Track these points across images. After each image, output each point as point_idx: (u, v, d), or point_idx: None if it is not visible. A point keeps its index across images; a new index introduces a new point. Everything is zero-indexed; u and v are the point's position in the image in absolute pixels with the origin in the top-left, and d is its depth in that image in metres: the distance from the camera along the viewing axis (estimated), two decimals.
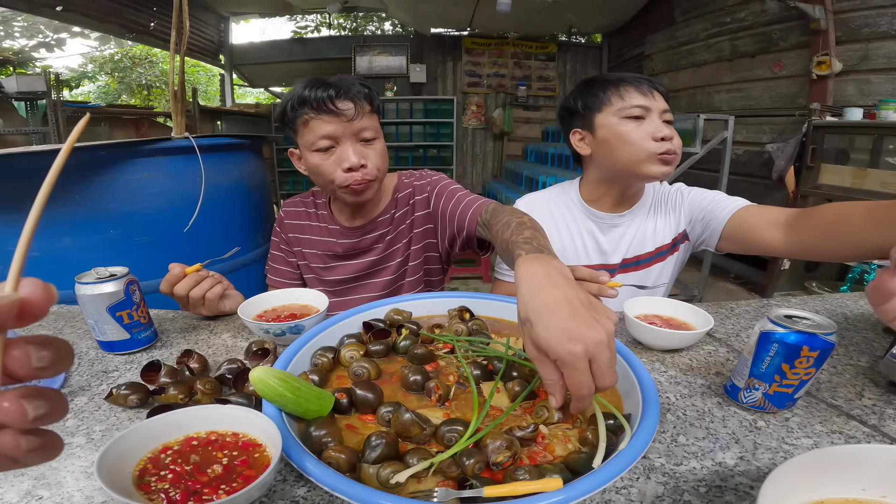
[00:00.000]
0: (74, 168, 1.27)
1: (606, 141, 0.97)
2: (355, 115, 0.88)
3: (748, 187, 3.53)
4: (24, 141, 3.33)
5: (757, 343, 0.54)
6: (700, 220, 0.99)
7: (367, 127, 0.90)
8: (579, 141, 1.04)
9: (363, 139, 0.91)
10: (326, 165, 0.90)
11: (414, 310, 0.76)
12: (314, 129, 0.88)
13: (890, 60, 2.68)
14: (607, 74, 1.01)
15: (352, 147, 0.89)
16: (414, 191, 1.05)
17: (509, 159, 6.02)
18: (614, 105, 0.96)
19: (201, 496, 0.39)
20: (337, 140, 0.89)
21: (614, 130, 0.96)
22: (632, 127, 0.94)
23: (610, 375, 0.43)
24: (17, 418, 0.22)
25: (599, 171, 1.04)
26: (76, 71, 9.84)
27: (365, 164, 0.90)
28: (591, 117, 0.99)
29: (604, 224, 1.05)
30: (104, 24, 4.45)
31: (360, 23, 7.52)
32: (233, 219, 1.67)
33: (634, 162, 0.94)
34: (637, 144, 0.93)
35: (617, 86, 0.96)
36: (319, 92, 0.86)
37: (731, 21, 3.73)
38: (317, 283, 1.10)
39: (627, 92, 0.95)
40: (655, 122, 0.94)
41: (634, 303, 0.78)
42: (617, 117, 0.95)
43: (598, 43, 6.21)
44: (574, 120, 1.04)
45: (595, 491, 0.37)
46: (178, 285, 0.80)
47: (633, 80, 0.96)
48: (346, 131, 0.89)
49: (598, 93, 0.98)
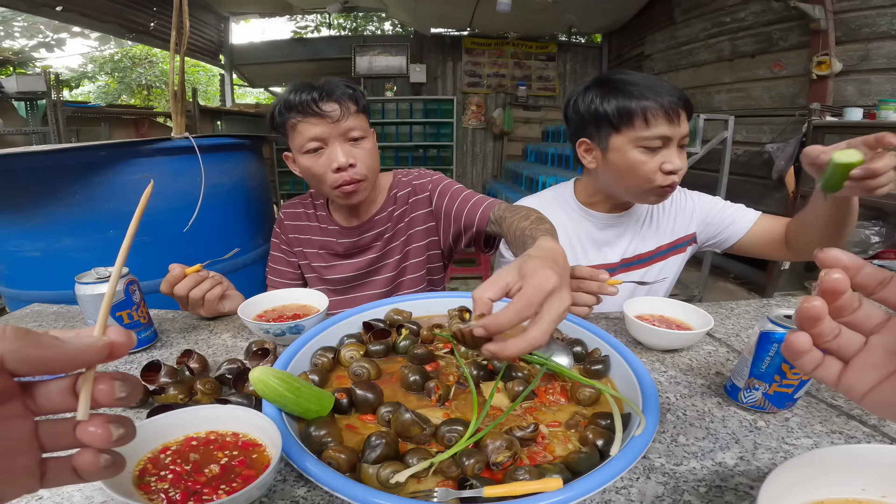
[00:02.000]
0: (74, 168, 1.27)
1: (616, 165, 0.91)
2: (341, 115, 0.89)
3: (748, 187, 3.53)
4: (24, 141, 3.33)
5: (757, 343, 0.54)
6: (714, 225, 1.02)
7: (353, 127, 0.91)
8: (585, 152, 0.96)
9: (351, 139, 0.92)
10: (317, 167, 0.92)
11: (414, 310, 0.76)
12: (302, 132, 0.90)
13: (890, 60, 2.68)
14: (630, 78, 0.87)
15: (340, 147, 0.91)
16: (413, 189, 1.06)
17: (509, 159, 6.02)
18: (636, 130, 0.86)
19: (201, 496, 0.39)
20: (325, 141, 0.91)
21: (628, 159, 0.88)
22: (646, 158, 0.87)
23: (538, 330, 0.41)
24: (102, 440, 0.26)
25: (599, 184, 1.01)
26: (76, 71, 9.83)
27: (354, 163, 0.91)
28: (607, 135, 0.90)
29: (601, 224, 1.04)
30: (104, 24, 4.45)
31: (360, 23, 7.52)
32: (233, 219, 1.67)
33: (636, 192, 0.93)
34: (645, 177, 0.88)
35: (646, 104, 0.84)
36: (304, 95, 0.88)
37: (731, 21, 3.73)
38: (319, 282, 1.11)
39: (655, 118, 0.84)
40: (671, 154, 0.87)
41: (634, 303, 0.78)
42: (634, 144, 0.87)
43: (598, 43, 6.21)
44: (585, 127, 0.94)
45: (595, 491, 0.37)
46: (178, 286, 0.80)
47: (666, 99, 0.83)
48: (334, 132, 0.90)
49: (620, 106, 0.86)
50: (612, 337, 0.64)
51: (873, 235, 2.55)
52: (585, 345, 0.66)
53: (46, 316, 0.92)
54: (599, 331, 0.66)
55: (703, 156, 2.93)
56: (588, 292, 0.74)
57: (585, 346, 0.66)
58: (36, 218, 1.28)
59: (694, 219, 1.04)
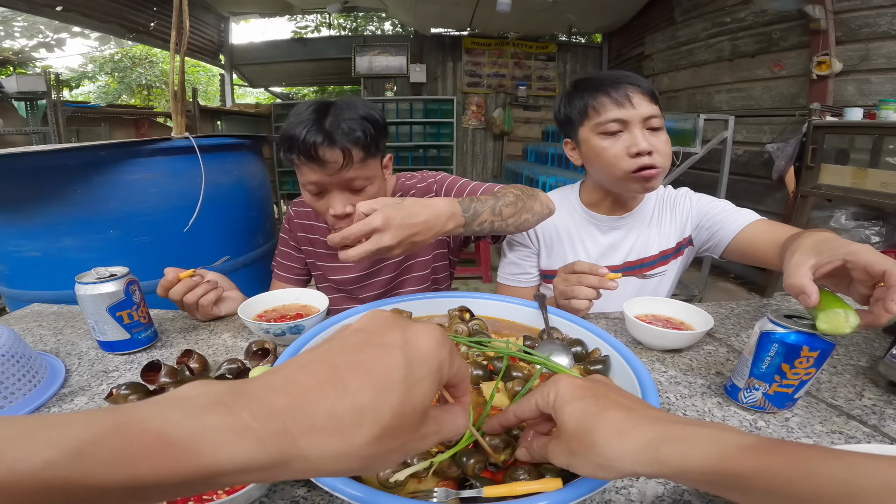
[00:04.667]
0: (74, 168, 1.27)
1: (588, 156, 0.96)
2: (343, 166, 0.81)
3: (748, 187, 3.53)
4: (24, 141, 3.32)
5: (757, 343, 0.54)
6: (707, 228, 0.99)
7: (356, 177, 0.84)
8: (571, 150, 1.02)
9: (353, 189, 0.86)
10: (317, 206, 0.89)
11: (414, 310, 0.76)
12: (304, 174, 0.85)
13: (890, 60, 2.68)
14: (589, 78, 0.95)
15: (339, 197, 0.85)
16: (419, 192, 1.06)
17: (509, 159, 6.01)
18: (591, 119, 0.91)
19: (201, 496, 0.39)
20: (325, 188, 0.86)
21: (593, 147, 0.93)
22: (608, 143, 0.90)
23: (358, 249, 0.61)
24: None
25: (591, 180, 1.04)
26: (76, 71, 9.83)
27: (352, 212, 0.85)
28: (576, 130, 0.97)
29: (604, 227, 1.04)
30: (104, 24, 4.45)
31: (360, 23, 7.52)
32: (233, 219, 1.67)
33: (614, 180, 0.94)
34: (613, 163, 0.90)
35: (594, 96, 0.90)
36: (309, 136, 0.79)
37: (731, 21, 3.73)
38: (323, 280, 1.12)
39: (602, 105, 0.89)
40: (633, 136, 0.88)
41: (634, 303, 0.78)
42: (594, 133, 0.92)
43: (598, 43, 6.21)
44: (565, 128, 1.02)
45: (595, 491, 0.37)
46: (173, 290, 0.81)
47: (611, 86, 0.89)
48: (334, 181, 0.84)
49: (577, 103, 0.93)
50: (612, 337, 0.64)
51: (873, 235, 2.55)
52: (585, 345, 0.66)
53: (46, 316, 0.92)
54: (599, 331, 0.66)
55: (703, 156, 2.93)
56: (588, 286, 0.75)
57: (585, 346, 0.66)
58: (36, 218, 1.28)
59: (690, 221, 1.03)
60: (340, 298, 1.12)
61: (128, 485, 0.19)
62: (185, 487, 0.20)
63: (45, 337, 0.82)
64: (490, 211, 0.75)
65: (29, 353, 0.63)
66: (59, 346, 0.78)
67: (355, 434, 0.23)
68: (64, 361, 0.71)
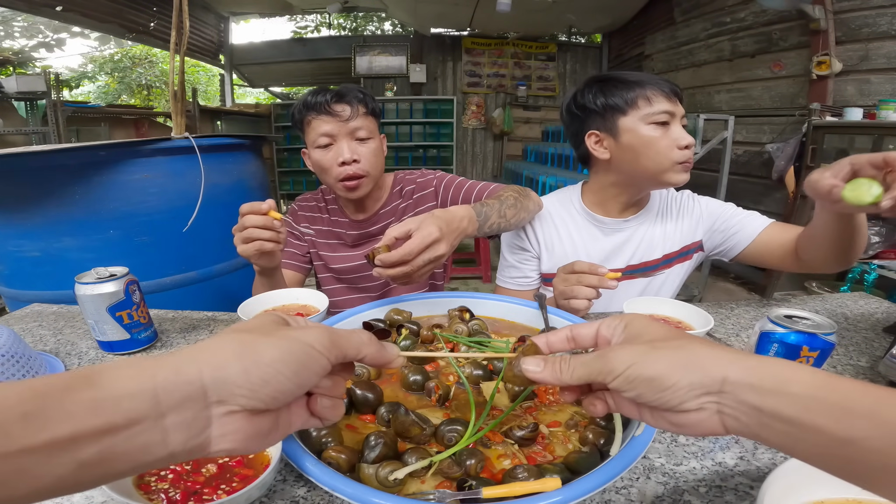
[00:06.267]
0: (74, 168, 1.27)
1: (631, 147, 0.92)
2: (350, 115, 1.00)
3: (748, 187, 3.53)
4: (24, 141, 3.32)
5: (757, 343, 0.54)
6: (721, 232, 0.99)
7: (361, 127, 1.01)
8: (596, 143, 0.97)
9: (358, 138, 1.02)
10: (325, 160, 1.01)
11: (414, 310, 0.76)
12: (315, 128, 1.01)
13: (890, 60, 2.68)
14: (625, 74, 0.95)
15: (347, 144, 1.00)
16: (417, 187, 1.12)
17: (509, 159, 6.02)
18: (641, 109, 0.91)
19: (201, 496, 0.39)
20: (334, 138, 1.01)
21: (642, 136, 0.91)
22: (658, 134, 0.90)
23: (409, 267, 0.66)
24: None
25: (614, 176, 0.99)
26: (76, 71, 9.82)
27: (357, 159, 1.00)
28: (615, 120, 0.93)
29: (608, 229, 1.03)
30: (104, 24, 4.44)
31: (360, 23, 7.52)
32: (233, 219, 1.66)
33: (659, 170, 0.92)
34: (663, 153, 0.90)
35: (644, 87, 0.91)
36: (319, 97, 1.00)
37: (731, 21, 3.73)
38: (325, 269, 1.17)
39: (655, 96, 0.90)
40: (679, 129, 0.91)
41: (635, 303, 0.78)
42: (644, 122, 0.91)
43: (598, 43, 6.21)
44: (590, 121, 0.97)
45: (595, 491, 0.37)
46: (251, 217, 0.78)
47: (658, 83, 0.92)
48: (342, 130, 1.00)
49: (622, 93, 0.92)
50: None
51: (873, 235, 2.55)
52: None
53: (46, 316, 0.92)
54: None
55: (703, 156, 2.93)
56: (587, 286, 0.75)
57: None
58: (36, 218, 1.28)
59: (700, 225, 1.02)
60: (341, 289, 1.16)
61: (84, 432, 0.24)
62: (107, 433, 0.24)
63: (45, 337, 0.82)
64: (497, 213, 0.87)
65: (29, 353, 0.63)
66: (58, 346, 0.78)
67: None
68: (64, 361, 0.71)
